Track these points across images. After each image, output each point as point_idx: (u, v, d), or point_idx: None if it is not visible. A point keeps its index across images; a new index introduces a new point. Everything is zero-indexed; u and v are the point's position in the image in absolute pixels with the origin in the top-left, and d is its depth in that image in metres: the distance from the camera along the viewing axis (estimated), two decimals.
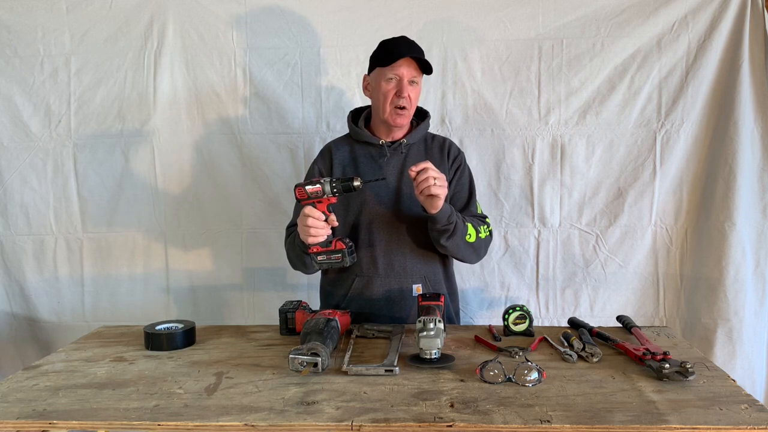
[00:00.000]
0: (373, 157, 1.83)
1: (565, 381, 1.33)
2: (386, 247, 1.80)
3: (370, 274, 1.82)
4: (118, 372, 1.43)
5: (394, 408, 1.19)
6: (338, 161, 1.85)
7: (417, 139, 1.86)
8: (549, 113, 2.33)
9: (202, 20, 2.34)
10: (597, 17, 2.28)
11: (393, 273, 1.81)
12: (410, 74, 1.73)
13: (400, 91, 1.72)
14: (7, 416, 1.19)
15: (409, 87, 1.74)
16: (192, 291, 2.49)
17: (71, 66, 2.37)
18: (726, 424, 1.11)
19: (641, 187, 2.34)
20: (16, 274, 2.50)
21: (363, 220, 1.81)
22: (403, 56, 1.71)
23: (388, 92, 1.74)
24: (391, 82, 1.74)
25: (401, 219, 1.81)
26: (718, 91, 2.27)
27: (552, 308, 2.44)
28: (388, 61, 1.72)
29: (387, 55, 1.73)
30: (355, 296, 1.83)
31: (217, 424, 1.14)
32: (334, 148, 1.89)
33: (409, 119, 1.81)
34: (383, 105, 1.76)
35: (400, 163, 1.83)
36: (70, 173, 2.43)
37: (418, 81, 1.77)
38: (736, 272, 2.28)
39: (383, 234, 1.81)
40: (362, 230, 1.81)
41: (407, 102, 1.74)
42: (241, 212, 2.44)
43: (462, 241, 1.74)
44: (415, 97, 1.77)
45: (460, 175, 1.88)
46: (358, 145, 1.86)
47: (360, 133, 1.84)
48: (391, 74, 1.73)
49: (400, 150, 1.83)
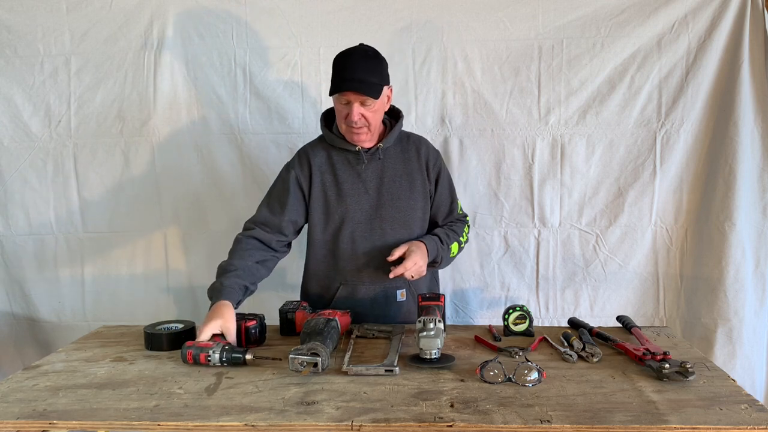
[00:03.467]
0: (350, 164, 1.81)
1: (565, 381, 1.33)
2: (370, 256, 1.80)
3: (355, 282, 1.83)
4: (118, 372, 1.43)
5: (394, 408, 1.19)
6: (317, 168, 1.81)
7: (393, 142, 1.84)
8: (549, 113, 2.33)
9: (202, 20, 2.34)
10: (597, 17, 2.27)
11: (377, 280, 1.81)
12: (359, 99, 1.67)
13: (350, 115, 1.69)
14: (7, 416, 1.19)
15: (362, 108, 1.69)
16: (192, 291, 2.49)
17: (71, 66, 2.37)
18: (726, 424, 1.11)
19: (641, 187, 2.34)
20: (16, 274, 2.50)
21: (345, 229, 1.80)
22: (342, 91, 1.66)
23: (341, 112, 1.72)
24: (343, 105, 1.71)
25: (383, 226, 1.81)
26: (718, 91, 2.27)
27: (552, 308, 2.44)
28: (332, 91, 1.69)
29: (333, 82, 1.69)
30: (340, 303, 1.83)
31: (217, 424, 1.14)
32: (311, 152, 1.84)
33: (369, 134, 1.77)
34: (340, 123, 1.76)
35: (379, 169, 1.82)
36: (70, 173, 2.43)
37: (373, 101, 1.68)
38: (736, 272, 2.28)
39: (366, 242, 1.80)
40: (344, 239, 1.81)
41: (362, 122, 1.71)
42: (241, 212, 2.43)
43: (447, 261, 1.87)
44: (372, 114, 1.71)
45: (440, 183, 1.88)
46: (334, 150, 1.83)
47: (335, 139, 1.81)
48: (342, 98, 1.69)
49: (378, 155, 1.82)
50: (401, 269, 1.67)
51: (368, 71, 1.68)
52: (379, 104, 1.73)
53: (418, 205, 1.84)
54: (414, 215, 1.83)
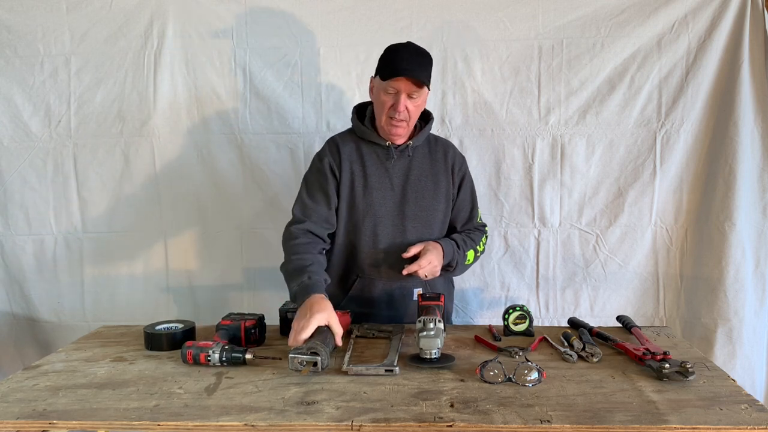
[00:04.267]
0: (379, 158, 1.82)
1: (565, 381, 1.33)
2: (389, 251, 1.80)
3: (373, 275, 1.82)
4: (118, 372, 1.43)
5: (394, 408, 1.19)
6: (346, 157, 1.82)
7: (421, 142, 1.86)
8: (549, 113, 2.33)
9: (202, 20, 2.34)
10: (597, 17, 2.27)
11: (394, 277, 1.81)
12: (408, 89, 1.69)
13: (397, 105, 1.70)
14: (7, 416, 1.19)
15: (408, 101, 1.71)
16: (192, 291, 2.49)
17: (71, 66, 2.37)
18: (726, 424, 1.11)
19: (641, 186, 2.34)
20: (16, 274, 2.50)
21: (367, 222, 1.80)
22: (399, 75, 1.67)
23: (386, 103, 1.73)
24: (389, 95, 1.72)
25: (405, 223, 1.81)
26: (718, 91, 2.27)
27: (552, 308, 2.44)
28: (386, 76, 1.70)
29: (386, 69, 1.71)
30: (356, 296, 1.84)
31: (217, 424, 1.14)
32: (340, 142, 1.85)
33: (407, 130, 1.79)
34: (381, 114, 1.76)
35: (406, 166, 1.83)
36: (70, 173, 2.43)
37: (420, 93, 1.72)
38: (736, 272, 2.28)
39: (386, 238, 1.81)
40: (366, 232, 1.81)
41: (405, 115, 1.72)
42: (241, 212, 2.44)
43: (462, 268, 1.87)
44: (414, 109, 1.74)
45: (463, 188, 1.89)
46: (363, 143, 1.84)
47: (367, 132, 1.83)
48: (390, 88, 1.70)
49: (407, 153, 1.83)
50: (415, 266, 1.67)
51: (422, 65, 1.72)
52: (422, 101, 1.75)
53: (440, 207, 1.84)
54: (436, 216, 1.84)
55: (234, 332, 1.59)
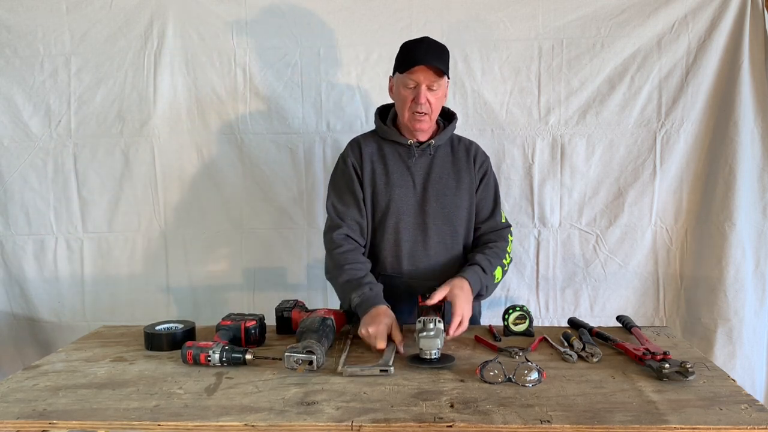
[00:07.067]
0: (401, 157, 1.83)
1: (565, 381, 1.33)
2: (411, 249, 1.81)
3: (395, 274, 1.83)
4: (118, 372, 1.43)
5: (394, 408, 1.19)
6: (367, 156, 1.82)
7: (444, 141, 1.86)
8: (549, 113, 2.33)
9: (202, 20, 2.34)
10: (597, 17, 2.28)
11: (417, 275, 1.81)
12: (428, 80, 1.69)
13: (418, 98, 1.70)
14: (7, 416, 1.19)
15: (428, 92, 1.71)
16: (192, 291, 2.49)
17: (71, 66, 2.37)
18: (726, 424, 1.11)
19: (641, 187, 2.34)
20: (16, 274, 2.50)
21: (389, 220, 1.80)
22: (418, 64, 1.68)
23: (407, 98, 1.73)
24: (410, 89, 1.72)
25: (426, 221, 1.81)
26: (718, 91, 2.27)
27: (552, 308, 2.44)
28: (405, 68, 1.70)
29: (404, 61, 1.71)
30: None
31: (217, 425, 1.14)
32: (362, 142, 1.86)
33: (430, 124, 1.79)
34: (403, 110, 1.76)
35: (428, 164, 1.82)
36: (70, 173, 2.43)
37: (440, 84, 1.72)
38: (736, 272, 2.28)
39: (409, 236, 1.81)
40: (388, 231, 1.81)
41: (426, 108, 1.73)
42: (241, 212, 2.44)
43: (493, 288, 1.83)
44: (435, 101, 1.74)
45: (485, 184, 1.88)
46: (385, 143, 1.85)
47: (388, 132, 1.83)
48: (409, 80, 1.71)
49: (428, 151, 1.83)
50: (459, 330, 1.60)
51: (439, 55, 1.73)
52: (442, 92, 1.75)
53: (463, 204, 1.83)
54: (459, 213, 1.83)
55: (234, 332, 1.59)
